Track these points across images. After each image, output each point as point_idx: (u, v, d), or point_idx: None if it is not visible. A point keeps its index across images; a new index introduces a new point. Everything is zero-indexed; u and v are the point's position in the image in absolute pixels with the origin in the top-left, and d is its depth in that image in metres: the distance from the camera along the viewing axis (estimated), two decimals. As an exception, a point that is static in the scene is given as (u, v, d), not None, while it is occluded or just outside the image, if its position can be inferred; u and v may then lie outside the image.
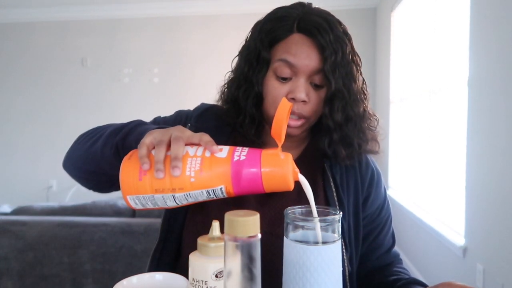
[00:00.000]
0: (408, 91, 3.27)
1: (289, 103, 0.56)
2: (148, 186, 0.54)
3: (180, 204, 0.56)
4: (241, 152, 0.55)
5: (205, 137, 0.56)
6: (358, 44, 0.78)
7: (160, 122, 0.84)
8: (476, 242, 2.02)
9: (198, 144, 0.57)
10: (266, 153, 0.56)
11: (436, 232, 2.50)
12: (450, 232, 2.37)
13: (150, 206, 0.56)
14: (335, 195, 0.78)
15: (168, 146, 0.55)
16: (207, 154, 0.55)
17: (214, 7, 4.38)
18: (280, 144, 0.56)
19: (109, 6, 4.43)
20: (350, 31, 0.77)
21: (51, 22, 4.60)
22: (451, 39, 2.43)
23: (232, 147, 0.57)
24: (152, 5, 4.37)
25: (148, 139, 0.56)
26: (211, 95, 0.89)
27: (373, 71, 4.24)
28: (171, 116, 0.87)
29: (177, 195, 0.54)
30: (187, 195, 0.54)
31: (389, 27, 3.69)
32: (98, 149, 0.71)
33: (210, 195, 0.55)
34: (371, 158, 0.86)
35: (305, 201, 0.80)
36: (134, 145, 0.66)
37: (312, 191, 0.78)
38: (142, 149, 0.55)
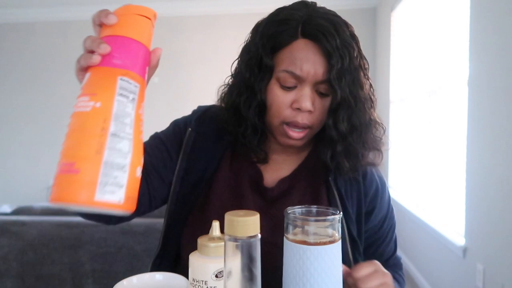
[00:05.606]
0: (408, 91, 3.27)
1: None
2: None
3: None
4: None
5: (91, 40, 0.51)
6: (358, 44, 0.77)
7: (159, 137, 0.82)
8: (476, 242, 2.02)
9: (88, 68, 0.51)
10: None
11: (436, 232, 2.50)
12: (450, 232, 2.37)
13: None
14: (339, 205, 0.76)
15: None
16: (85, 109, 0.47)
17: (214, 7, 4.37)
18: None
19: (109, 6, 4.40)
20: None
21: (51, 22, 4.60)
22: (451, 39, 2.43)
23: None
24: (152, 5, 4.34)
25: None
26: (211, 95, 0.87)
27: (373, 71, 4.22)
28: (168, 128, 0.84)
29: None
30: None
31: (389, 27, 3.69)
32: None
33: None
34: (374, 169, 0.82)
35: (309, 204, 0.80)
36: None
37: (316, 202, 0.76)
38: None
